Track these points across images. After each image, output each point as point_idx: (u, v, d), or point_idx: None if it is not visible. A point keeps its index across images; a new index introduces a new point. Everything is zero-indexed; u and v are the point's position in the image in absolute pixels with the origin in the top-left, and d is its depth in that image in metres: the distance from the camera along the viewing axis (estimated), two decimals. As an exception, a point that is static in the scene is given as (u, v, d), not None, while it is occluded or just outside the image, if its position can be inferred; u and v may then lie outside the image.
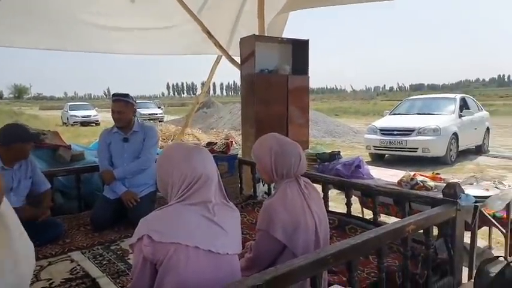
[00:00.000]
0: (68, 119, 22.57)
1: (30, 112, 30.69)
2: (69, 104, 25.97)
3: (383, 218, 3.81)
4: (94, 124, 21.85)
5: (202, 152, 1.42)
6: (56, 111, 30.45)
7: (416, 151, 7.97)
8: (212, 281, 1.28)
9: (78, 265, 2.34)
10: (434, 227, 2.09)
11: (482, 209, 2.45)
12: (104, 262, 2.39)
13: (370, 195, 2.80)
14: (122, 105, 3.12)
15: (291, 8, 4.49)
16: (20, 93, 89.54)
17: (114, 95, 3.19)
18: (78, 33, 4.39)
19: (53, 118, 24.85)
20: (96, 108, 26.23)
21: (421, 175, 3.19)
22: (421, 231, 1.99)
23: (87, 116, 22.61)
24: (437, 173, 3.26)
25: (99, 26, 4.37)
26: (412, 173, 3.24)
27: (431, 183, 2.96)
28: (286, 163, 1.70)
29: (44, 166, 3.41)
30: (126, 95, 3.17)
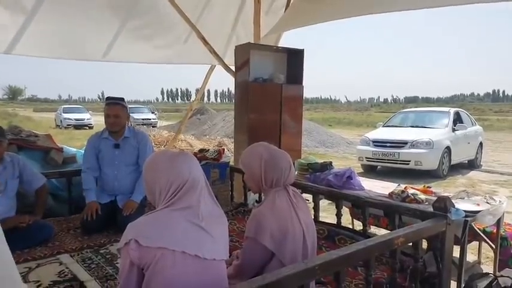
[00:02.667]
0: (61, 121, 22.46)
1: (24, 114, 30.47)
2: (63, 106, 25.86)
3: (373, 229, 3.82)
4: (87, 127, 21.75)
5: (187, 157, 1.42)
6: (50, 114, 30.26)
7: (408, 164, 8.02)
8: (198, 286, 1.28)
9: (67, 268, 2.33)
10: (423, 240, 2.11)
11: (472, 224, 2.46)
12: (93, 266, 2.38)
13: (360, 206, 2.81)
14: (119, 109, 3.05)
15: (282, 29, 4.55)
16: (14, 94, 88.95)
17: (109, 98, 3.11)
18: (76, 42, 4.40)
19: (47, 120, 24.69)
20: (90, 111, 26.12)
21: (412, 188, 3.20)
22: (411, 244, 2.00)
23: (81, 120, 22.51)
24: (429, 187, 3.27)
25: (94, 34, 4.38)
26: (403, 186, 3.25)
27: (422, 197, 2.97)
28: (276, 172, 1.70)
29: (36, 168, 3.38)
30: (122, 99, 3.12)
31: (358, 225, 3.58)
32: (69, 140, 11.96)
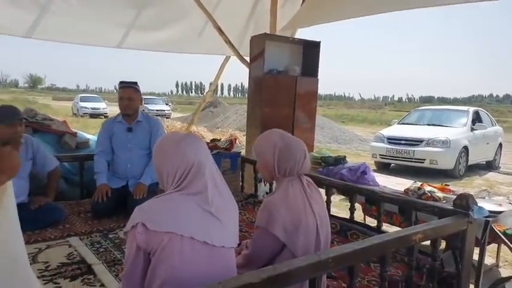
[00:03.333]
0: (78, 110, 22.75)
1: (43, 102, 30.95)
2: (80, 95, 26.16)
3: (386, 227, 3.73)
4: (103, 116, 21.95)
5: (193, 140, 1.38)
6: (68, 102, 30.66)
7: (423, 162, 7.85)
8: (206, 274, 1.24)
9: (76, 250, 2.34)
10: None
11: (492, 225, 2.37)
12: (101, 250, 2.38)
13: (375, 201, 2.73)
14: (132, 91, 3.07)
15: (297, 25, 4.47)
16: (34, 83, 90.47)
17: (122, 82, 3.13)
18: (94, 28, 4.39)
19: (64, 109, 25.02)
20: (106, 101, 26.39)
21: (429, 185, 3.11)
22: (427, 242, 1.92)
23: (97, 108, 22.77)
24: (447, 184, 3.17)
25: (112, 21, 4.37)
26: (419, 183, 3.16)
27: (440, 194, 2.88)
28: (290, 160, 1.63)
29: (50, 151, 3.39)
30: (135, 83, 3.13)
31: (370, 223, 3.51)
32: (85, 128, 12.03)
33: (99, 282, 1.97)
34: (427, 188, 2.99)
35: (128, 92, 3.06)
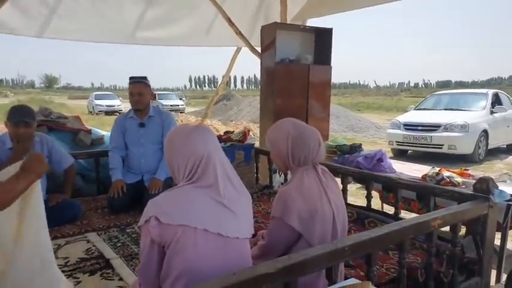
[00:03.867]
0: (93, 108, 23.03)
1: (59, 101, 31.44)
2: (94, 93, 26.49)
3: (404, 214, 3.67)
4: (118, 113, 22.18)
5: (202, 131, 1.36)
6: (83, 101, 31.06)
7: (441, 148, 7.69)
8: (221, 265, 1.23)
9: (94, 246, 2.38)
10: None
11: (515, 209, 2.30)
12: (119, 244, 2.40)
13: (392, 188, 2.68)
14: (142, 86, 3.07)
15: (307, 15, 4.40)
16: (50, 83, 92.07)
17: (132, 77, 3.13)
18: (104, 24, 4.41)
19: (80, 107, 25.36)
20: (120, 98, 26.67)
21: (448, 170, 3.05)
22: (446, 228, 1.88)
23: (112, 106, 23.00)
24: (466, 169, 3.10)
25: (122, 17, 4.38)
26: (437, 169, 3.10)
27: (459, 179, 2.81)
28: (304, 149, 1.60)
29: (65, 149, 3.43)
30: (145, 77, 3.13)
31: (388, 210, 3.46)
32: (101, 125, 12.18)
33: (117, 276, 1.99)
34: (446, 173, 2.93)
35: (138, 87, 3.06)
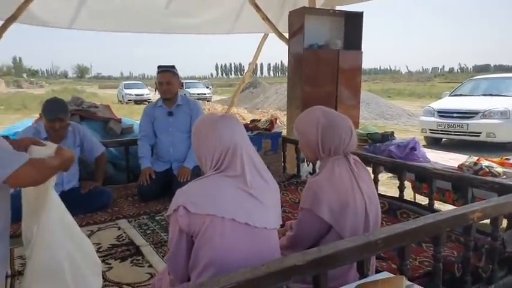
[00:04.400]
0: (123, 97, 23.52)
1: (90, 90, 32.40)
2: (124, 83, 27.03)
3: (438, 205, 3.55)
4: (146, 102, 22.55)
5: (229, 121, 1.33)
6: (113, 90, 31.80)
7: (479, 136, 7.32)
8: (249, 256, 1.21)
9: (124, 233, 2.43)
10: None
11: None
12: (148, 231, 2.44)
13: (426, 179, 2.58)
14: (170, 76, 3.08)
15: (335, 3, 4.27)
16: (82, 73, 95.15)
17: (160, 66, 3.14)
18: (133, 14, 4.44)
19: (110, 96, 26.01)
20: (149, 87, 27.10)
21: (486, 160, 2.90)
22: (485, 221, 1.77)
23: (140, 95, 23.40)
24: (507, 158, 2.93)
25: (149, 6, 4.39)
26: (475, 158, 2.95)
27: (499, 169, 2.67)
28: (334, 138, 1.53)
29: (96, 137, 3.50)
30: (173, 66, 3.14)
31: (421, 201, 3.34)
32: (130, 114, 12.49)
33: (147, 263, 2.02)
34: (485, 163, 2.79)
35: (167, 76, 3.07)
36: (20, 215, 1.60)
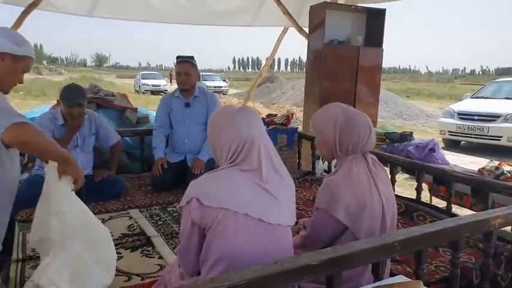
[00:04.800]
0: (139, 87, 23.72)
1: (108, 79, 32.75)
2: (141, 73, 27.25)
3: (455, 209, 3.46)
4: (163, 93, 22.68)
5: (247, 113, 1.30)
6: (130, 80, 32.10)
7: (500, 140, 7.14)
8: (261, 252, 1.18)
9: (136, 222, 2.42)
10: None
11: None
12: (160, 222, 2.43)
13: (445, 181, 2.51)
14: (189, 66, 3.06)
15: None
16: (100, 62, 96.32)
17: (179, 57, 3.12)
18: (152, 4, 4.44)
19: (127, 86, 26.27)
20: (166, 78, 27.26)
21: (508, 165, 2.81)
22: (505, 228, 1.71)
23: (157, 85, 23.55)
24: (529, 164, 2.83)
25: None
26: (496, 162, 2.86)
27: (521, 175, 2.58)
28: (352, 136, 1.48)
29: (112, 126, 3.51)
30: (191, 57, 3.11)
31: (437, 204, 3.26)
32: (146, 104, 12.56)
33: (157, 254, 2.01)
34: (506, 168, 2.71)
35: (185, 66, 3.05)
36: (35, 201, 1.60)
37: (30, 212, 2.06)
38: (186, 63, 3.06)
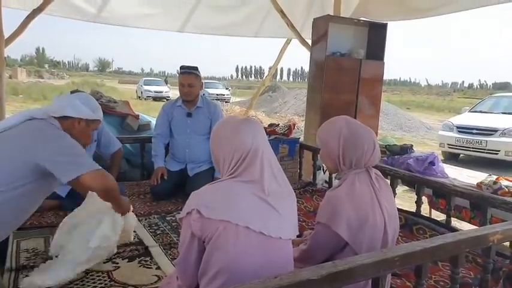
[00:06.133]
0: (142, 93, 23.74)
1: (110, 84, 32.81)
2: (144, 79, 27.31)
3: (454, 222, 3.46)
4: (165, 100, 22.76)
5: (250, 124, 1.31)
6: (133, 85, 32.14)
7: (497, 154, 7.20)
8: (262, 265, 1.18)
9: (134, 231, 2.35)
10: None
11: None
12: (158, 232, 2.41)
13: (445, 195, 2.51)
14: (193, 78, 3.02)
15: (362, 15, 4.26)
16: (103, 66, 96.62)
17: (183, 67, 3.08)
18: (157, 12, 4.48)
19: (129, 91, 26.29)
20: (168, 85, 27.33)
21: (506, 179, 2.83)
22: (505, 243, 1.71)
23: (160, 92, 23.59)
24: (527, 179, 2.85)
25: (173, 5, 4.42)
26: (495, 177, 2.88)
27: (520, 190, 2.59)
28: (356, 150, 1.49)
29: (113, 132, 3.52)
30: (196, 68, 3.08)
31: (436, 216, 3.27)
32: (148, 111, 12.55)
33: (155, 265, 1.97)
34: (504, 183, 2.73)
35: (189, 78, 3.01)
36: None
37: (27, 220, 2.05)
38: (190, 74, 3.02)
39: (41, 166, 1.65)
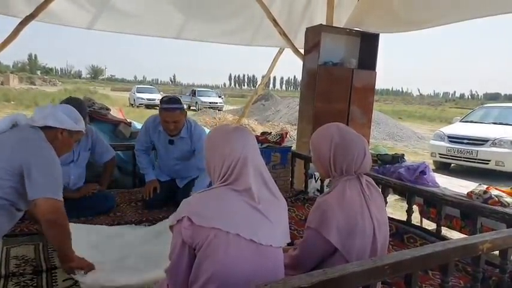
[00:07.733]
0: (134, 100, 23.69)
1: (102, 92, 32.70)
2: (137, 86, 27.28)
3: (444, 231, 3.48)
4: (157, 108, 22.67)
5: (242, 133, 1.33)
6: (125, 93, 32.05)
7: (488, 164, 7.29)
8: (252, 272, 1.18)
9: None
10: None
11: None
12: (150, 239, 2.38)
13: (435, 204, 2.53)
14: (177, 114, 2.81)
15: (355, 25, 4.32)
16: (96, 74, 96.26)
17: (164, 101, 2.84)
18: (152, 19, 4.48)
19: (122, 99, 26.22)
20: (161, 92, 27.29)
21: (496, 189, 2.85)
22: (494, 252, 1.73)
23: (152, 100, 23.49)
24: (517, 188, 2.88)
25: (168, 12, 4.43)
26: (485, 186, 2.91)
27: (509, 199, 2.63)
28: (347, 157, 1.51)
29: (105, 139, 3.50)
30: (178, 101, 2.87)
31: (427, 225, 3.29)
32: (140, 118, 12.50)
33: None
34: (494, 192, 2.75)
35: (173, 116, 2.79)
36: None
37: (14, 227, 2.03)
38: (174, 111, 2.78)
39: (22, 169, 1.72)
